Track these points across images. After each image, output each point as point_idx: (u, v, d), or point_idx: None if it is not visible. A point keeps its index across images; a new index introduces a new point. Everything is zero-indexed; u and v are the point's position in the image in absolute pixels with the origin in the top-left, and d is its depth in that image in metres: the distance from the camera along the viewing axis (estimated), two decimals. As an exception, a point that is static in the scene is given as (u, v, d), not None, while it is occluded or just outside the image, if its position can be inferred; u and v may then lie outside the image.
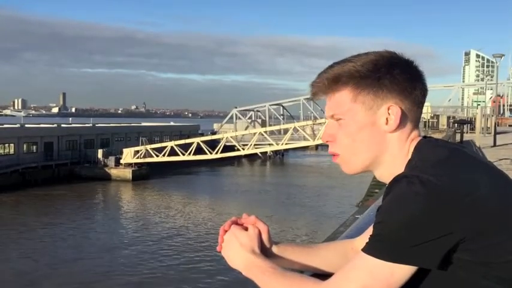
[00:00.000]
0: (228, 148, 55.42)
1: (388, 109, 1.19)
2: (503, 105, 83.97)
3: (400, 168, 1.17)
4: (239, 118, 79.12)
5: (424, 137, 1.26)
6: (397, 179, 1.11)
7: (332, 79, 1.22)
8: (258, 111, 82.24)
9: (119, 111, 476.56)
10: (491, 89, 77.23)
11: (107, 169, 51.97)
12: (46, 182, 46.13)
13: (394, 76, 1.19)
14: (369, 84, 1.19)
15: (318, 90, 1.25)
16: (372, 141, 1.21)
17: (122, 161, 52.79)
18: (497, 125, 33.17)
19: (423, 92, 1.23)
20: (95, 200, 42.49)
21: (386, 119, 1.20)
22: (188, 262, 23.84)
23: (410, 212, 1.05)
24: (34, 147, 51.74)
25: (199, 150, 53.90)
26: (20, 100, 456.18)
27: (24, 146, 50.76)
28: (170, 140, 59.08)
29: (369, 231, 1.18)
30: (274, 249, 1.40)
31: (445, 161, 1.12)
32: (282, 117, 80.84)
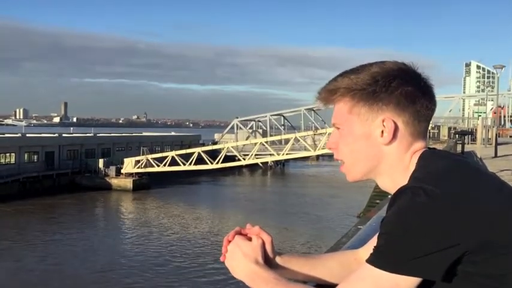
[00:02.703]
0: (229, 158, 55.43)
1: (383, 122, 1.21)
2: (504, 116, 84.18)
3: (401, 179, 1.18)
4: (240, 128, 79.09)
5: (429, 148, 1.26)
6: (401, 190, 1.11)
7: (330, 91, 1.26)
8: (259, 121, 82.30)
9: (120, 121, 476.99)
10: (492, 100, 77.30)
11: (107, 179, 51.94)
12: (47, 192, 45.98)
13: (390, 89, 1.20)
14: (364, 97, 1.21)
15: (319, 100, 1.29)
16: (368, 152, 1.23)
17: (122, 171, 52.75)
18: (498, 136, 33.20)
19: (428, 105, 1.22)
20: (96, 210, 42.42)
21: (382, 131, 1.21)
22: (190, 272, 23.73)
23: (415, 223, 1.05)
24: (35, 156, 51.71)
25: (200, 160, 53.86)
26: (21, 109, 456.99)
27: (25, 155, 50.70)
28: (171, 150, 59.12)
29: (373, 242, 1.18)
30: (278, 259, 1.39)
31: (449, 173, 1.13)
32: (283, 127, 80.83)
